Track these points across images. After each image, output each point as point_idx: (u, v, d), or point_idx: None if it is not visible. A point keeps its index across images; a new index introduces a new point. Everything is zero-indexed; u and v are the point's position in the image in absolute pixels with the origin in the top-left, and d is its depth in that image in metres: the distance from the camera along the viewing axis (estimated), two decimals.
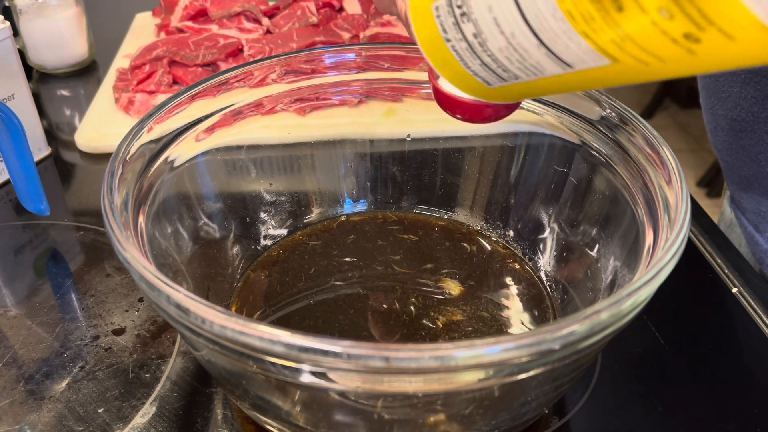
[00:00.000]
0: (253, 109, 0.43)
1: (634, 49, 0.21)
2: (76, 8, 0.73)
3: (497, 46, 0.25)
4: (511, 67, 0.26)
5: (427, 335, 0.40)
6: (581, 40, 0.22)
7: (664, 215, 0.32)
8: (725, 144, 0.53)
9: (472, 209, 0.48)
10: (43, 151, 0.60)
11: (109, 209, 0.30)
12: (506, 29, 0.24)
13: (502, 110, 0.34)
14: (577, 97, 0.40)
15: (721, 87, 0.51)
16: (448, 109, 0.35)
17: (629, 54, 0.22)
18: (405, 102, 0.48)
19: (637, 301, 0.26)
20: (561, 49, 0.24)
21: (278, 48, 0.68)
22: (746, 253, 0.57)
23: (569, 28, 0.22)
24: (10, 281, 0.47)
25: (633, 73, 0.23)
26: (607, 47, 0.22)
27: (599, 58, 0.23)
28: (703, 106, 0.56)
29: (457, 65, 0.28)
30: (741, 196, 0.56)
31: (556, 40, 0.23)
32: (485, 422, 0.32)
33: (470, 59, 0.27)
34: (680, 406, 0.38)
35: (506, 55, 0.26)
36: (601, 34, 0.22)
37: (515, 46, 0.25)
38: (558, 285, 0.43)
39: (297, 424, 0.32)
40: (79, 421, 0.37)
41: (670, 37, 0.20)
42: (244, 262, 0.45)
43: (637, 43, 0.21)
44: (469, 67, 0.28)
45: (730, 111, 0.51)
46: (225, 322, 0.24)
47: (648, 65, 0.22)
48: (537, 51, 0.24)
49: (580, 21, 0.22)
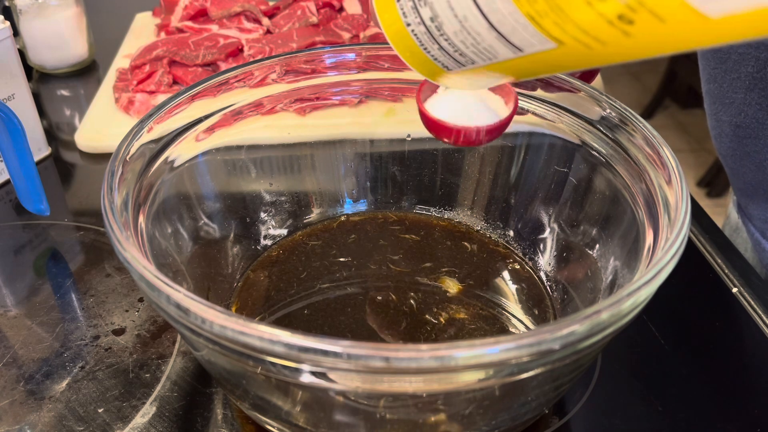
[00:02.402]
0: (253, 109, 0.43)
1: (574, 30, 0.23)
2: (76, 8, 0.73)
3: (452, 29, 0.27)
4: (466, 51, 0.28)
5: (427, 335, 0.40)
6: (527, 23, 0.24)
7: (664, 215, 0.32)
8: (730, 150, 0.53)
9: (472, 209, 0.48)
10: (43, 151, 0.60)
11: (109, 209, 0.30)
12: (459, 12, 0.26)
13: (485, 136, 0.35)
14: (577, 97, 0.40)
15: (725, 93, 0.51)
16: (434, 132, 0.35)
17: (571, 36, 0.23)
18: (405, 102, 0.48)
19: (637, 301, 0.26)
20: (509, 31, 0.25)
21: (278, 48, 0.68)
22: (752, 258, 0.57)
23: (515, 10, 0.24)
24: (10, 281, 0.47)
25: (579, 57, 0.24)
26: (551, 29, 0.23)
27: (545, 41, 0.24)
28: (707, 111, 0.55)
29: (418, 51, 0.30)
30: (747, 202, 0.55)
31: (504, 22, 0.25)
32: (485, 422, 0.32)
33: (429, 43, 0.29)
34: (680, 406, 0.38)
35: (461, 39, 0.27)
36: (544, 17, 0.23)
37: (468, 30, 0.26)
38: (558, 285, 0.43)
39: (297, 424, 0.32)
40: (79, 421, 0.37)
41: (605, 18, 0.21)
42: (244, 262, 0.45)
43: (576, 24, 0.22)
44: (429, 52, 0.29)
45: (735, 117, 0.50)
46: (225, 322, 0.24)
47: (590, 48, 0.23)
48: (488, 34, 0.26)
49: (525, 3, 0.23)
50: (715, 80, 0.52)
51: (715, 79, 0.51)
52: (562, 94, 0.41)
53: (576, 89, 0.40)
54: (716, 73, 0.51)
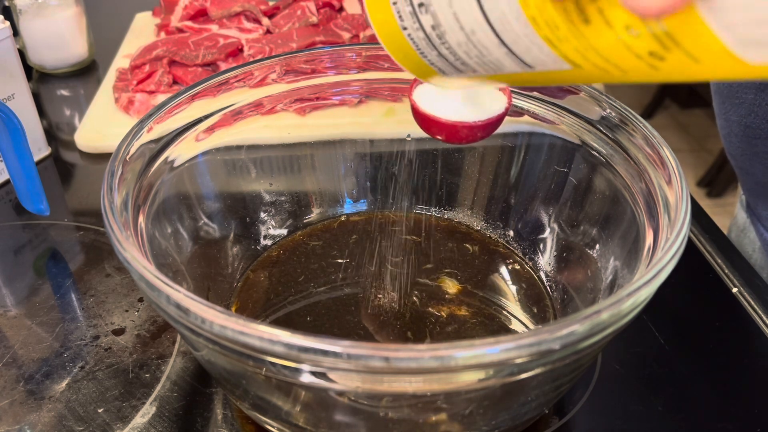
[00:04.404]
0: (253, 109, 0.43)
1: (596, 58, 0.21)
2: (76, 8, 0.73)
3: (456, 40, 0.25)
4: (469, 62, 0.26)
5: (427, 335, 0.40)
6: (543, 45, 0.22)
7: (664, 215, 0.32)
8: (739, 150, 0.53)
9: (472, 209, 0.48)
10: (43, 151, 0.60)
11: (109, 209, 0.30)
12: (467, 26, 0.24)
13: (478, 132, 0.34)
14: (577, 97, 0.40)
15: (734, 93, 0.50)
16: (425, 127, 0.35)
17: (591, 62, 0.22)
18: (405, 102, 0.48)
19: (637, 301, 0.26)
20: (522, 50, 0.23)
21: (278, 48, 0.68)
22: (760, 258, 0.57)
23: (532, 33, 0.22)
24: (10, 281, 0.47)
25: (592, 78, 0.23)
26: (570, 54, 0.22)
27: (561, 63, 0.23)
28: (716, 111, 0.55)
29: (413, 53, 0.28)
30: (756, 202, 0.55)
31: (517, 42, 0.23)
32: (485, 422, 0.32)
33: (427, 50, 0.27)
34: (680, 406, 0.38)
35: (465, 50, 0.25)
36: (565, 43, 0.21)
37: (475, 43, 0.24)
38: (558, 285, 0.43)
39: (297, 424, 0.32)
40: (79, 421, 0.37)
41: (634, 53, 0.20)
42: (244, 262, 0.45)
43: (600, 54, 0.21)
44: (425, 57, 0.27)
45: (745, 117, 0.50)
46: (225, 322, 0.24)
47: (608, 73, 0.22)
48: (497, 50, 0.24)
49: (544, 27, 0.21)
50: (724, 80, 0.51)
51: None
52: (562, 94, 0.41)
53: (576, 89, 0.40)
54: None
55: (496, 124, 0.34)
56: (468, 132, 0.34)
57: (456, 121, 0.33)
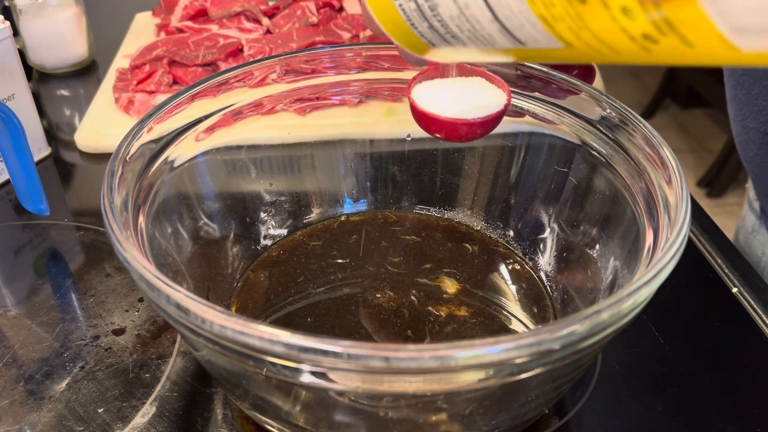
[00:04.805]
0: (253, 109, 0.43)
1: (590, 38, 0.21)
2: (76, 8, 0.73)
3: (449, 13, 0.25)
4: (460, 35, 0.26)
5: (427, 334, 0.40)
6: (537, 22, 0.22)
7: (664, 215, 0.32)
8: (756, 158, 0.52)
9: (472, 209, 0.48)
10: (43, 151, 0.60)
11: (109, 209, 0.30)
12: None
13: (478, 129, 0.34)
14: (578, 97, 0.40)
15: (753, 100, 0.50)
16: (424, 125, 0.35)
17: (584, 42, 0.22)
18: (405, 102, 0.47)
19: (637, 301, 0.26)
20: (515, 27, 0.23)
21: (278, 48, 0.68)
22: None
23: (527, 9, 0.22)
24: (10, 281, 0.47)
25: (583, 57, 0.23)
26: (564, 33, 0.22)
27: (553, 41, 0.23)
28: (732, 117, 0.54)
29: (403, 24, 0.28)
30: None
31: (511, 18, 0.23)
32: (485, 422, 0.32)
33: (418, 21, 0.27)
34: (680, 406, 0.38)
35: (457, 24, 0.25)
36: (560, 21, 0.22)
37: (468, 17, 0.24)
38: (558, 285, 0.43)
39: (297, 424, 0.32)
40: (79, 421, 0.37)
41: (628, 35, 0.20)
42: (244, 262, 0.45)
43: (594, 34, 0.21)
44: (416, 28, 0.27)
45: (764, 125, 0.50)
46: (225, 322, 0.24)
47: (600, 53, 0.22)
48: (490, 25, 0.24)
49: (540, 5, 0.22)
50: (743, 87, 0.50)
51: (743, 85, 0.50)
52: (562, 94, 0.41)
53: (576, 89, 0.40)
54: (744, 80, 0.50)
55: (495, 121, 0.34)
56: (467, 129, 0.34)
57: (455, 119, 0.33)
